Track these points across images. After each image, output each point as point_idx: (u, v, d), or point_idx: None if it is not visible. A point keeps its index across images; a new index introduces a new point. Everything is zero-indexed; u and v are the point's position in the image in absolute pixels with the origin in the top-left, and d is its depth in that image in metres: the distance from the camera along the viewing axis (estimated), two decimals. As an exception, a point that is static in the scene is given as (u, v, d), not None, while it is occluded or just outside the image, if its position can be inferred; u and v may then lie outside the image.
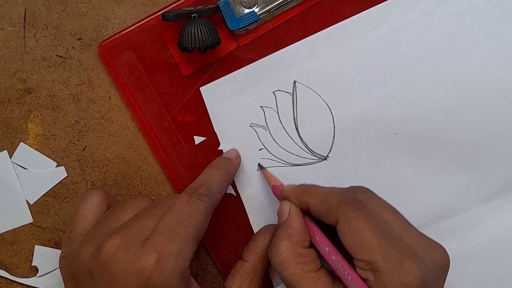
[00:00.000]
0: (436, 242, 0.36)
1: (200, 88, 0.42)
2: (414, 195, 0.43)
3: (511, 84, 0.42)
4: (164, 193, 0.44)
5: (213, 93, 0.42)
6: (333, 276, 0.36)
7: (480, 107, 0.42)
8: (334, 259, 0.35)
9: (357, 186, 0.38)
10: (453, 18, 0.42)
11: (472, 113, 0.42)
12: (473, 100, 0.42)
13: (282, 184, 0.41)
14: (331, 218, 0.35)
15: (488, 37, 0.42)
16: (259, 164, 0.43)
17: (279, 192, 0.40)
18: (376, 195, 0.37)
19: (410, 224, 0.36)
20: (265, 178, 0.43)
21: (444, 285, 0.37)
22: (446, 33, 0.42)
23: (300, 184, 0.40)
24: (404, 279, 0.32)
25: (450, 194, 0.43)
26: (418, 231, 0.36)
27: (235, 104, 0.43)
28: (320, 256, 0.37)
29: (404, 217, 0.36)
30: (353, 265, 0.35)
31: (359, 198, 0.35)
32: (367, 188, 0.37)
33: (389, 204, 0.37)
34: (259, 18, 0.41)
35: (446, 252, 0.35)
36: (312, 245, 0.37)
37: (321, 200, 0.36)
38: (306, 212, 0.38)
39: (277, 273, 0.36)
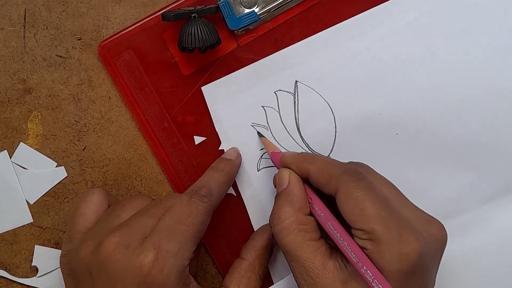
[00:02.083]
0: (434, 217, 0.36)
1: (202, 88, 0.42)
2: (415, 195, 0.43)
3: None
4: (164, 193, 0.44)
5: (215, 93, 0.42)
6: (332, 247, 0.36)
7: (481, 107, 0.42)
8: (330, 225, 0.35)
9: (357, 162, 0.38)
10: (455, 17, 0.42)
11: (473, 113, 0.42)
12: (474, 100, 0.42)
13: (281, 152, 0.40)
14: (331, 187, 0.35)
15: (489, 37, 0.42)
16: (258, 132, 0.42)
17: (278, 160, 0.40)
18: (375, 171, 0.37)
19: (407, 199, 0.36)
20: (264, 145, 0.42)
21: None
22: (447, 32, 0.42)
23: (301, 152, 0.40)
24: (403, 250, 0.32)
25: (451, 194, 0.43)
26: (416, 206, 0.36)
27: (237, 104, 0.43)
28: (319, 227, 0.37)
29: (402, 193, 0.36)
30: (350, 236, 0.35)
31: (360, 171, 0.35)
32: (367, 165, 0.37)
33: (388, 180, 0.37)
34: (259, 18, 0.41)
35: (444, 227, 0.35)
36: (311, 214, 0.37)
37: (322, 169, 0.36)
38: (304, 181, 0.38)
39: (278, 240, 0.36)
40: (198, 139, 0.43)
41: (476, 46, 0.42)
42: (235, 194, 0.43)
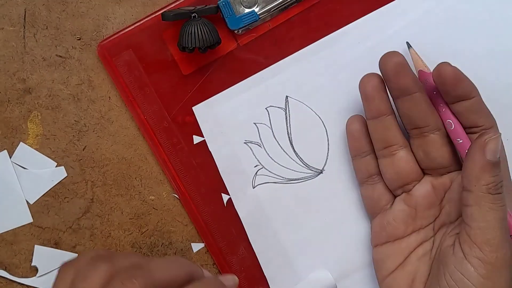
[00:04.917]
0: None
1: (193, 108, 0.42)
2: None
3: (501, 88, 0.42)
4: (164, 192, 0.43)
5: (206, 112, 0.42)
6: None
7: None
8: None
9: None
10: (441, 25, 0.42)
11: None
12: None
13: (431, 72, 0.38)
14: None
15: (476, 42, 0.42)
16: (407, 43, 0.41)
17: (425, 79, 0.38)
18: None
19: None
20: (412, 60, 0.40)
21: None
22: (435, 40, 0.41)
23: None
24: None
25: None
26: None
27: (229, 121, 0.42)
28: None
29: None
30: None
31: None
32: None
33: None
34: (259, 18, 0.41)
35: None
36: None
37: None
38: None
39: None
40: (197, 139, 0.43)
41: (463, 52, 0.41)
42: (235, 194, 0.43)
